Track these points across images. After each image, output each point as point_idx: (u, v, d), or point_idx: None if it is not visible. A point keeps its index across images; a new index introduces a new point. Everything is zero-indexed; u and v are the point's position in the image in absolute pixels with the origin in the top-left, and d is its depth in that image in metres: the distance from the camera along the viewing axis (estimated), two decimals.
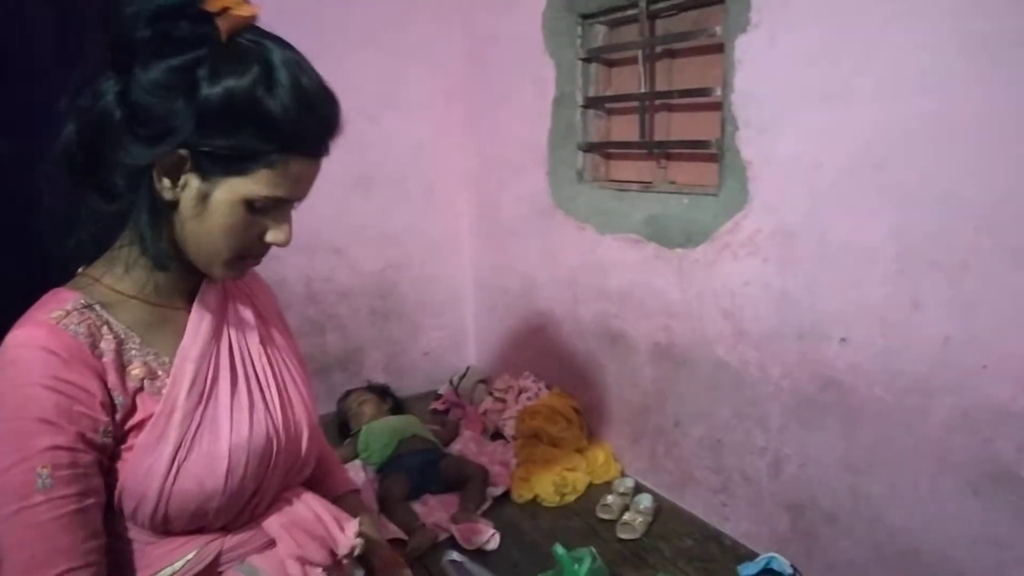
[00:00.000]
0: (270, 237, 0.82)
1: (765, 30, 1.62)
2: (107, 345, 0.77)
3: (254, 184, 0.76)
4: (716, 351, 1.85)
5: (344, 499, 1.12)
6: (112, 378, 0.76)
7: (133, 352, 0.79)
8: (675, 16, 1.97)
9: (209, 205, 0.77)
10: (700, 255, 1.85)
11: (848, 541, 1.60)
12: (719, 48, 1.77)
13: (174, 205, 0.78)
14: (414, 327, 2.89)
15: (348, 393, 2.60)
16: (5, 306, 0.80)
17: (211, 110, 0.72)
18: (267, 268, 2.54)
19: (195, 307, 0.86)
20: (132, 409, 0.78)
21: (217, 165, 0.75)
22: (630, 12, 2.03)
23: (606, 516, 1.98)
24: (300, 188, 0.82)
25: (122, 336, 0.79)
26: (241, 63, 0.73)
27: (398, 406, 2.58)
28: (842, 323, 1.55)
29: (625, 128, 2.20)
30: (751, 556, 1.76)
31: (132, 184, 0.76)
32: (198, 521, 0.82)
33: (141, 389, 0.79)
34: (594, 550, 1.58)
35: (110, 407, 0.76)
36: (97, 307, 0.78)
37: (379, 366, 2.83)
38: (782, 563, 1.70)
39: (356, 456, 2.28)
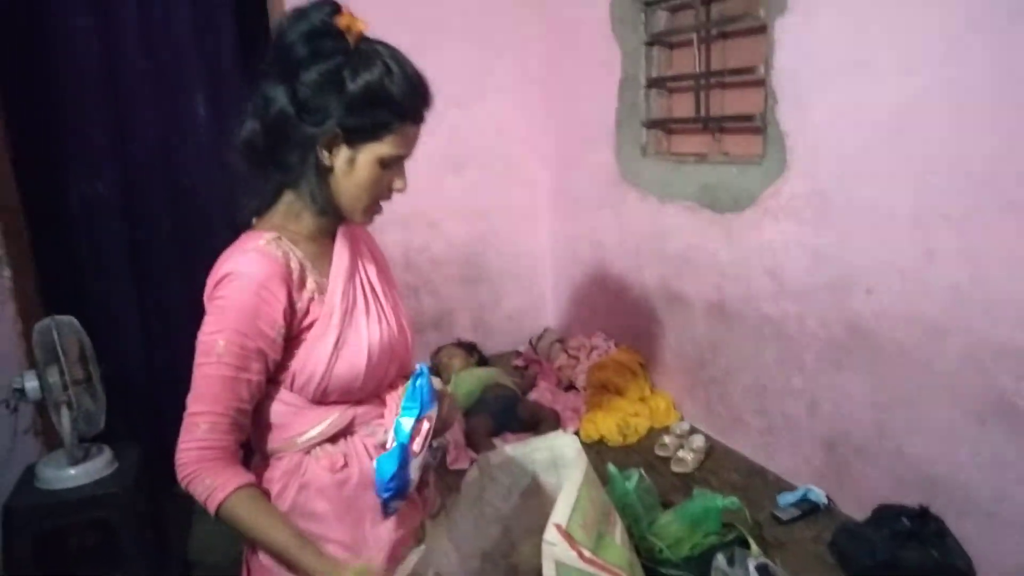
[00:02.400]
0: (396, 185, 1.12)
1: (800, 12, 1.80)
2: (294, 266, 1.09)
3: (385, 147, 1.06)
4: (761, 306, 2.05)
5: None
6: (296, 289, 1.09)
7: (308, 273, 1.12)
8: (727, 1, 2.16)
9: (355, 166, 1.07)
10: (747, 219, 2.05)
11: (875, 472, 1.78)
12: (763, 29, 1.95)
13: (330, 169, 1.08)
14: (498, 292, 3.21)
15: (439, 349, 2.95)
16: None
17: (355, 98, 1.02)
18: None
19: (337, 244, 1.18)
20: (306, 313, 1.10)
21: (360, 136, 1.05)
22: None
23: (662, 453, 2.22)
24: (411, 146, 1.12)
25: (302, 261, 1.11)
26: (370, 62, 1.03)
27: (483, 360, 2.91)
28: (868, 275, 1.72)
29: (684, 105, 2.41)
30: (791, 489, 1.96)
31: (303, 157, 1.08)
32: (345, 396, 1.14)
33: (312, 299, 1.11)
34: (643, 471, 1.83)
35: (290, 312, 1.08)
36: (284, 240, 1.11)
37: (467, 327, 3.17)
38: (818, 494, 1.90)
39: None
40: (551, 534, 1.21)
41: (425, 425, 1.10)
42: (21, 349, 2.37)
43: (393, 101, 1.04)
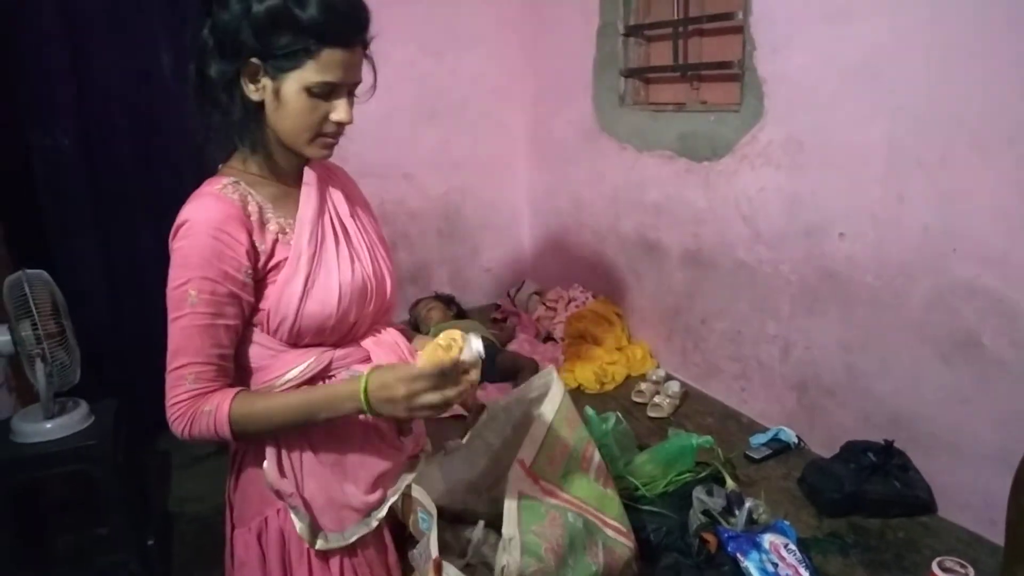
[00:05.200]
0: (333, 116, 1.06)
1: None
2: (252, 208, 1.08)
3: (307, 73, 1.01)
4: (736, 253, 2.08)
5: None
6: (256, 231, 1.07)
7: (269, 215, 1.10)
8: None
9: (281, 98, 1.02)
10: (723, 166, 2.07)
11: (843, 411, 1.84)
12: None
13: (261, 105, 1.04)
14: (475, 245, 3.21)
15: (418, 302, 2.95)
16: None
17: (261, 24, 0.98)
18: None
19: (304, 185, 1.16)
20: (271, 255, 1.09)
21: (278, 64, 1.00)
22: None
23: (639, 400, 2.27)
24: (345, 73, 1.03)
25: (260, 204, 1.10)
26: None
27: (461, 313, 2.92)
28: (841, 220, 1.76)
29: (662, 54, 2.40)
30: (764, 431, 2.02)
31: (228, 93, 1.03)
32: (319, 337, 1.13)
33: (276, 240, 1.10)
34: (619, 414, 1.87)
35: (253, 254, 1.06)
36: (242, 184, 1.09)
37: (445, 280, 3.17)
38: (788, 434, 1.96)
39: None
40: (515, 471, 1.24)
41: None
42: None
43: (301, 24, 0.98)
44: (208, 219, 1.02)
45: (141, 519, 2.33)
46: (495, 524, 1.25)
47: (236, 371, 1.13)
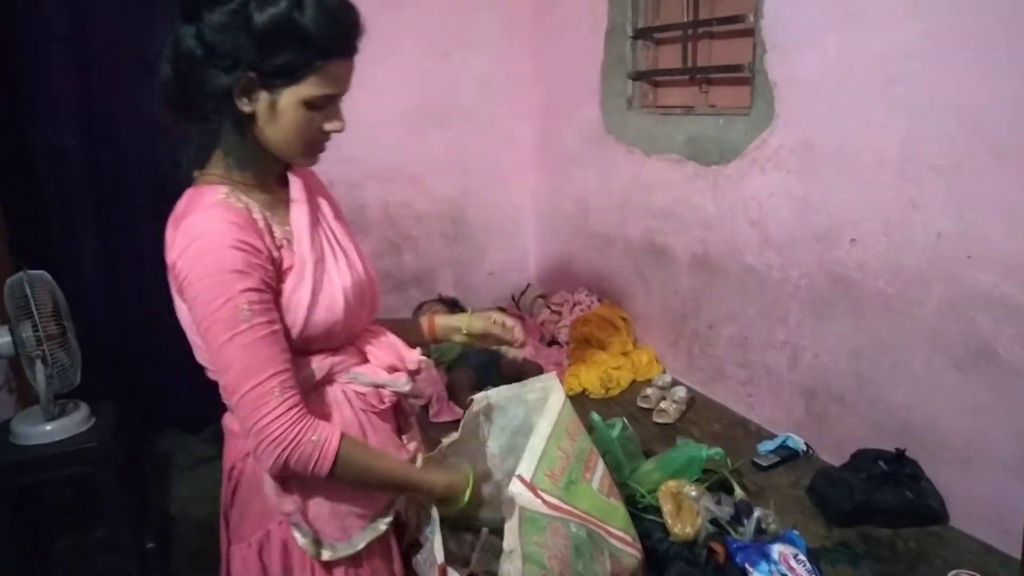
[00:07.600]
0: (328, 127, 1.03)
1: None
2: (258, 216, 1.03)
3: (307, 88, 0.97)
4: (744, 258, 2.06)
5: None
6: (267, 238, 1.03)
7: (271, 222, 1.06)
8: None
9: (278, 111, 0.98)
10: (732, 170, 2.05)
11: (853, 419, 1.82)
12: None
13: (252, 116, 0.98)
14: (481, 249, 3.19)
15: (421, 305, 2.92)
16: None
17: (263, 36, 0.92)
18: (349, 195, 2.83)
19: (292, 191, 1.13)
20: (281, 261, 1.06)
21: (278, 79, 0.95)
22: None
23: (645, 405, 2.25)
24: (344, 83, 1.01)
25: (261, 211, 1.05)
26: None
27: None
28: (853, 226, 1.73)
29: (670, 57, 2.38)
30: (771, 438, 1.99)
31: (218, 105, 0.96)
32: (325, 342, 1.11)
33: (283, 247, 1.06)
34: (625, 420, 1.85)
35: (271, 260, 1.03)
36: (239, 192, 1.04)
37: (449, 284, 3.15)
38: (797, 441, 1.94)
39: (428, 355, 2.60)
40: (515, 485, 1.22)
41: None
42: None
43: (307, 37, 0.94)
44: (223, 230, 0.97)
45: (141, 522, 2.31)
46: (499, 531, 1.23)
47: None
